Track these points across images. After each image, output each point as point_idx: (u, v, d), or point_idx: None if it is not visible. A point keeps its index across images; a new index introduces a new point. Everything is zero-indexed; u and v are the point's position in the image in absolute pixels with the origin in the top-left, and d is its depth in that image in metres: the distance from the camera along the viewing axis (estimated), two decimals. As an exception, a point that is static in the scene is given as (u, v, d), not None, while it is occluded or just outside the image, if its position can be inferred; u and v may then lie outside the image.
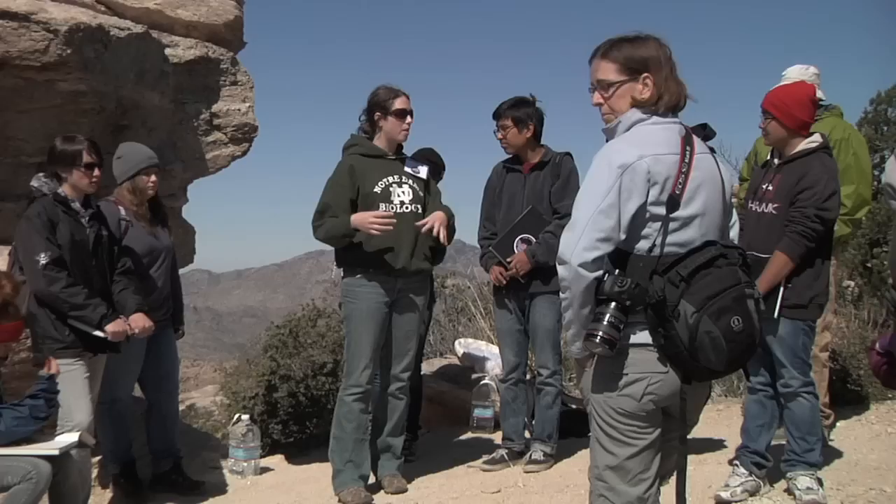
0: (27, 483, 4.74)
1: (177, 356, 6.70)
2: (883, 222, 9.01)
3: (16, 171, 6.22)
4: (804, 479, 5.36)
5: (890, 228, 9.13)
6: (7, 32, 5.80)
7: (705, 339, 2.99)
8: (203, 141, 7.28)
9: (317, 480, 6.39)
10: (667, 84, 3.21)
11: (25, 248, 5.28)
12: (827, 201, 5.19)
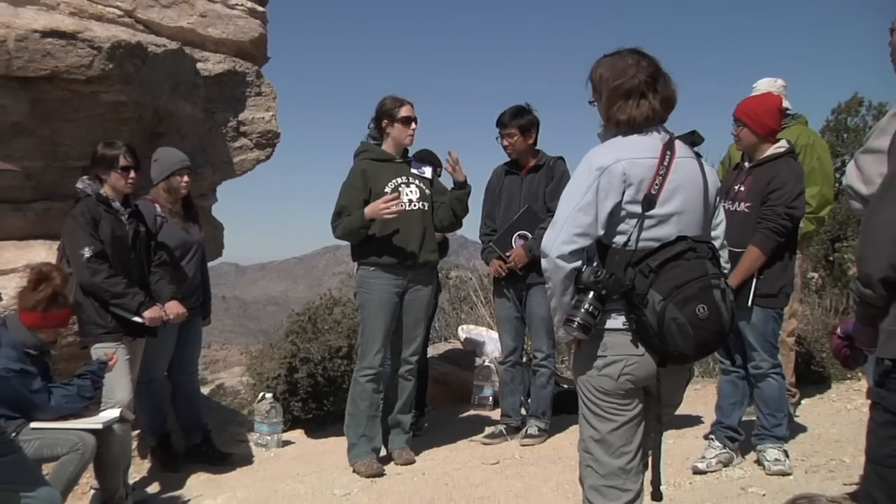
0: (75, 453, 4.79)
1: (201, 341, 6.72)
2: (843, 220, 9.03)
3: (63, 174, 6.22)
4: (772, 451, 5.42)
5: (849, 226, 9.16)
6: (56, 49, 5.83)
7: (672, 325, 3.01)
8: (230, 146, 7.29)
9: (333, 453, 6.40)
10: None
11: (71, 243, 5.32)
12: (794, 201, 5.22)
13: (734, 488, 5.18)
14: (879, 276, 2.72)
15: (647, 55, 3.27)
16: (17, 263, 5.85)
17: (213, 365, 14.44)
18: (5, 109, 5.96)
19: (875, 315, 2.81)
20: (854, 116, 12.08)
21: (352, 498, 5.52)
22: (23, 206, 6.23)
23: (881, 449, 2.81)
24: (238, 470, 6.31)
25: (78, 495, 5.36)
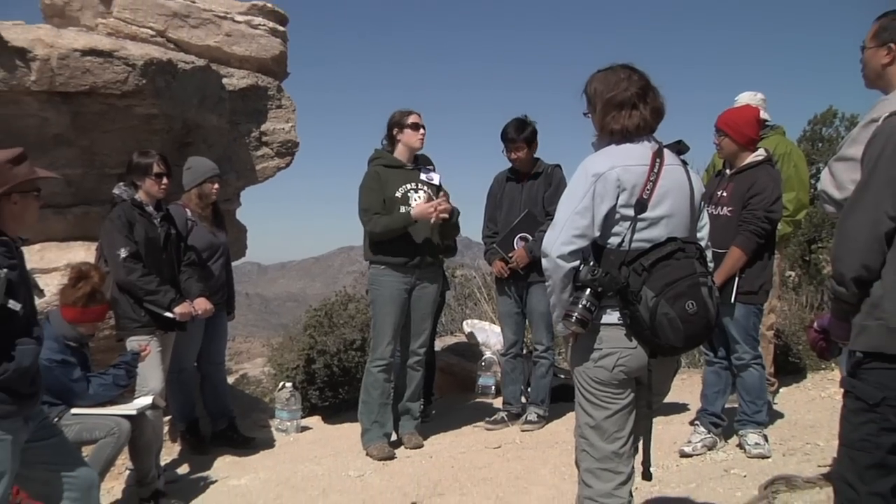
0: (111, 437, 4.81)
1: (227, 334, 6.72)
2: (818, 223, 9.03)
3: (100, 181, 6.24)
4: (753, 435, 5.43)
5: (824, 229, 9.16)
6: (94, 66, 5.85)
7: (663, 319, 3.02)
8: (253, 155, 7.29)
9: (348, 437, 6.40)
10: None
11: (108, 244, 5.33)
12: (773, 205, 5.23)
13: (718, 470, 5.18)
14: (852, 275, 2.73)
15: (638, 70, 3.28)
16: (59, 263, 5.87)
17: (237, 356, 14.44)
18: (48, 122, 5.99)
19: (848, 311, 2.82)
20: (828, 127, 12.10)
21: (365, 479, 5.53)
22: (64, 210, 6.24)
23: (853, 434, 2.82)
24: (260, 453, 6.32)
25: (114, 475, 5.36)
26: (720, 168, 5.66)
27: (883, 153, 2.66)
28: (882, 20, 3.32)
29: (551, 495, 4.97)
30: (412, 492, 5.21)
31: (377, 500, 5.14)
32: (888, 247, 2.68)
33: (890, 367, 2.70)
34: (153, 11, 6.75)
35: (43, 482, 3.74)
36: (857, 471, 2.79)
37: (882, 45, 3.30)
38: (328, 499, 5.22)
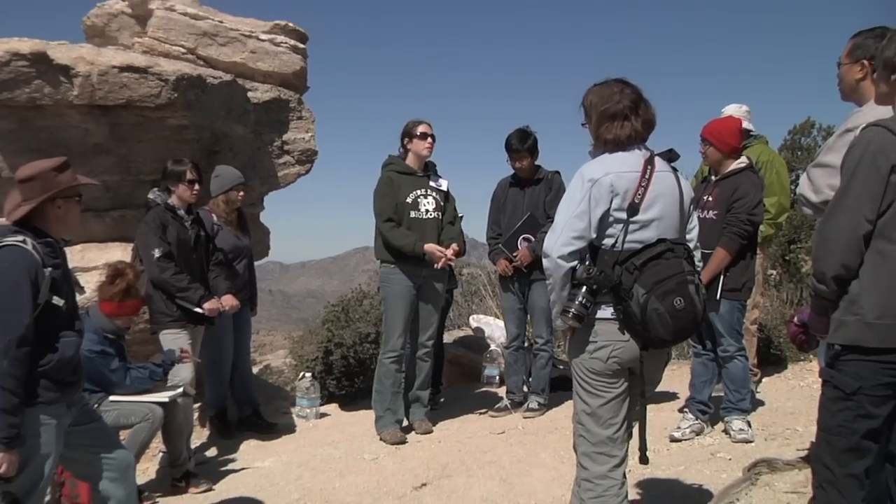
0: (146, 422, 4.84)
1: (251, 328, 6.72)
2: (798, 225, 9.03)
3: (136, 187, 6.26)
4: (737, 422, 5.44)
5: (803, 230, 9.15)
6: (131, 81, 5.88)
7: (653, 314, 3.02)
8: (276, 162, 7.29)
9: (363, 423, 6.39)
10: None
11: (143, 245, 5.36)
12: (755, 209, 5.23)
13: (705, 454, 5.19)
14: (832, 273, 2.73)
15: (631, 84, 3.28)
16: (98, 262, 5.89)
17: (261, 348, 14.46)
18: (89, 133, 6.02)
19: (827, 307, 2.82)
20: (807, 136, 12.13)
21: (379, 462, 5.53)
22: (102, 214, 6.25)
23: (830, 420, 2.82)
24: (282, 437, 6.33)
25: (149, 457, 5.39)
26: (706, 174, 5.66)
27: (861, 161, 2.66)
28: (856, 39, 3.36)
29: (551, 477, 4.97)
30: (422, 474, 5.22)
31: (390, 481, 5.14)
32: (865, 248, 2.69)
33: (866, 359, 2.70)
34: (184, 31, 6.78)
35: (84, 463, 3.75)
36: (834, 454, 2.80)
37: (856, 61, 3.36)
38: (345, 480, 5.22)
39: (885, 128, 2.66)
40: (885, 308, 2.66)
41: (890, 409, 2.75)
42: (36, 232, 3.42)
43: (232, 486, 5.27)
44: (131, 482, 3.86)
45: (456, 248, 5.91)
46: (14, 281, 3.23)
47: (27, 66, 5.61)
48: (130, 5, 6.78)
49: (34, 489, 3.37)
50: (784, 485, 4.34)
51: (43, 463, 3.38)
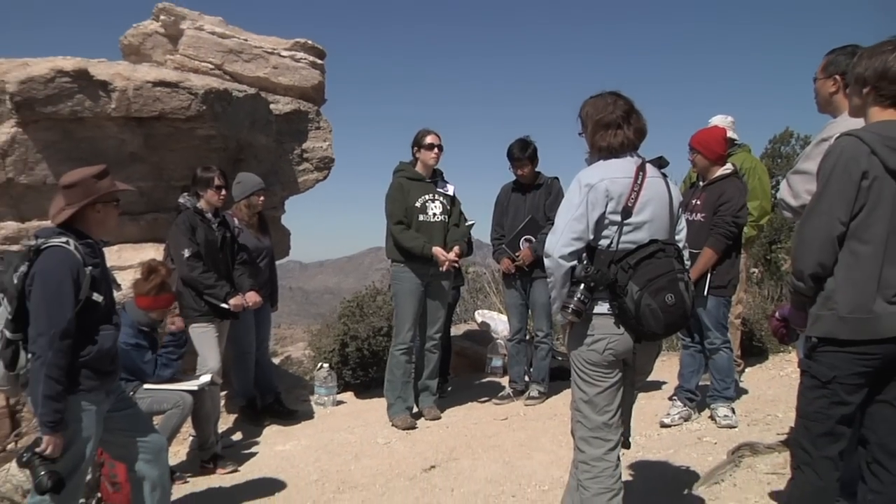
0: (176, 409, 4.86)
1: (271, 323, 6.71)
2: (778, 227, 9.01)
3: (167, 192, 6.29)
4: (722, 408, 5.44)
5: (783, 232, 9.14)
6: (163, 95, 5.91)
7: (646, 310, 3.03)
8: (296, 169, 7.31)
9: (376, 410, 6.41)
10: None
11: (174, 245, 5.39)
12: (739, 212, 5.24)
13: (692, 438, 5.19)
14: (810, 271, 2.74)
15: (623, 96, 3.28)
16: (133, 261, 5.91)
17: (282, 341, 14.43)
18: (125, 143, 6.05)
19: (805, 302, 2.83)
20: (786, 145, 12.13)
21: (391, 446, 5.55)
22: (137, 217, 6.28)
23: (808, 407, 2.83)
24: (302, 423, 6.34)
25: (180, 441, 5.43)
26: (694, 180, 5.67)
27: (835, 168, 2.67)
28: (829, 56, 3.40)
29: (550, 460, 4.98)
30: (431, 457, 5.24)
31: (401, 463, 5.16)
32: (839, 248, 2.70)
33: (840, 350, 2.71)
34: (212, 49, 6.81)
35: (121, 446, 3.78)
36: (811, 438, 2.81)
37: (829, 77, 3.39)
38: (360, 462, 5.24)
39: (857, 137, 2.66)
40: (858, 303, 2.67)
41: (862, 396, 2.76)
42: (77, 234, 3.44)
43: (256, 468, 5.29)
44: (164, 463, 3.88)
45: (458, 250, 5.94)
46: (58, 279, 3.27)
47: (70, 81, 5.65)
48: (163, 25, 6.81)
49: (77, 469, 3.39)
50: (765, 466, 4.35)
51: (84, 445, 3.40)
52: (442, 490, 4.62)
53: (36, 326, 3.25)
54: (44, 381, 3.20)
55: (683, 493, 4.18)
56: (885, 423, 2.79)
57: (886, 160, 2.61)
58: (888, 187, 2.63)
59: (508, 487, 4.58)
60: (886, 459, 2.78)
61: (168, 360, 5.05)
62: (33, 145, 5.77)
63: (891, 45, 2.69)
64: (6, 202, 5.85)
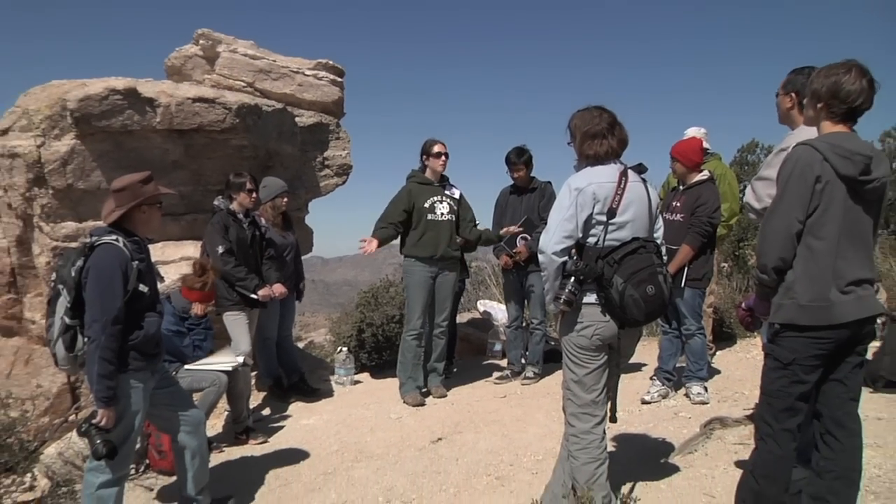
0: (213, 387, 4.89)
1: (294, 312, 6.70)
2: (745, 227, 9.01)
3: (205, 195, 6.30)
4: (696, 387, 5.46)
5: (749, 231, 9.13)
6: (202, 110, 5.93)
7: (629, 300, 3.04)
8: (318, 175, 7.31)
9: (389, 388, 6.43)
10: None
11: (209, 243, 5.42)
12: (714, 213, 5.25)
13: (669, 413, 5.21)
14: (772, 265, 2.75)
15: (608, 110, 3.29)
16: (175, 256, 5.94)
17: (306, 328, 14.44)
18: (168, 152, 6.07)
19: (769, 293, 2.84)
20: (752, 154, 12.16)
21: (403, 420, 5.58)
22: (178, 217, 6.30)
23: (771, 385, 2.84)
24: (323, 400, 6.37)
25: (216, 415, 5.47)
26: (675, 185, 5.68)
27: (793, 173, 2.68)
28: (789, 76, 3.42)
29: (543, 433, 5.00)
30: (438, 430, 5.26)
31: (412, 436, 5.18)
32: (798, 244, 2.71)
33: (799, 335, 2.72)
34: (245, 69, 6.81)
35: (165, 419, 3.81)
36: (773, 413, 2.82)
37: (787, 93, 3.41)
38: (375, 435, 5.27)
39: (811, 146, 2.68)
40: (815, 293, 2.68)
41: (818, 375, 2.77)
42: (126, 232, 3.47)
43: (283, 439, 5.32)
44: (202, 435, 3.91)
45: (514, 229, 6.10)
46: (110, 272, 3.30)
47: (121, 99, 5.68)
48: (202, 49, 6.83)
49: (127, 439, 3.44)
50: (733, 438, 4.37)
51: (134, 418, 3.45)
52: (448, 459, 4.64)
53: (90, 313, 3.28)
54: (98, 362, 3.24)
55: (661, 461, 4.19)
56: (836, 398, 2.82)
57: (837, 166, 2.64)
58: (839, 190, 2.65)
59: (507, 457, 4.60)
60: (837, 430, 2.81)
61: (199, 342, 5.09)
62: (89, 155, 5.81)
63: (843, 67, 2.71)
64: (67, 205, 5.88)
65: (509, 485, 4.13)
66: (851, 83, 2.67)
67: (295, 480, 4.52)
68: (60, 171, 5.75)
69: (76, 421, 5.01)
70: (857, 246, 2.71)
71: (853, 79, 2.67)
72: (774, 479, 2.82)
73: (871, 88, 2.69)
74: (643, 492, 3.72)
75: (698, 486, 3.73)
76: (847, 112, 2.72)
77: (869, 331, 2.79)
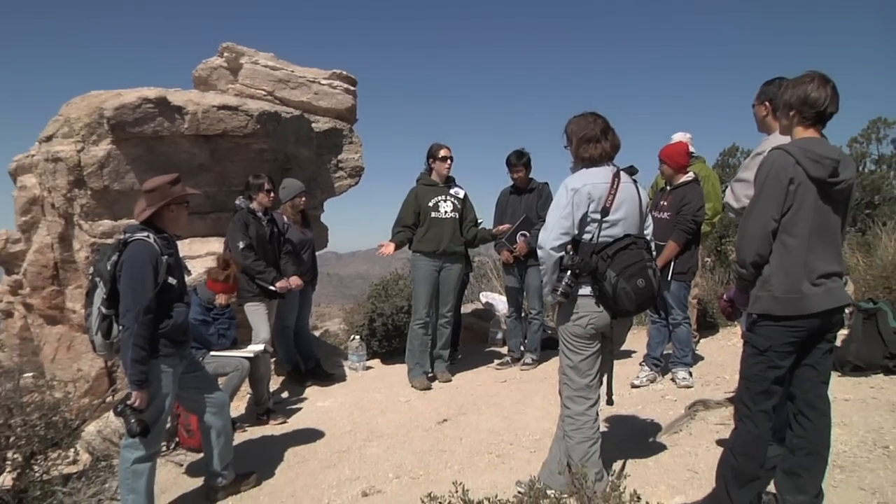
0: (237, 372, 4.93)
1: (311, 302, 6.71)
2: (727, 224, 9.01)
3: (228, 195, 6.33)
4: (682, 372, 5.46)
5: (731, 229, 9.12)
6: (226, 117, 5.97)
7: (622, 292, 3.05)
8: (332, 176, 7.33)
9: (398, 374, 6.44)
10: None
11: (231, 239, 5.44)
12: (698, 211, 5.25)
13: (657, 396, 5.22)
14: (750, 260, 2.76)
15: (601, 116, 3.29)
16: (201, 252, 5.98)
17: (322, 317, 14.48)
18: (195, 156, 6.11)
19: (747, 286, 2.84)
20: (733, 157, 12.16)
21: (411, 403, 5.60)
22: (204, 216, 6.35)
23: (749, 370, 2.85)
24: (337, 384, 6.39)
25: (240, 397, 5.50)
26: (662, 186, 5.68)
27: (768, 176, 2.70)
28: (762, 87, 3.44)
29: (541, 414, 5.02)
30: (444, 412, 5.28)
31: (419, 417, 5.21)
32: (774, 240, 2.73)
33: (775, 324, 2.73)
34: (265, 79, 6.84)
35: (193, 400, 3.85)
36: (750, 395, 2.83)
37: (762, 103, 3.44)
38: (385, 416, 5.29)
39: (785, 151, 2.70)
40: (789, 286, 2.69)
41: (791, 361, 2.79)
42: (156, 229, 3.51)
43: (300, 420, 5.36)
44: (227, 415, 3.96)
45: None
46: (142, 266, 3.33)
47: (152, 107, 5.73)
48: (226, 61, 6.85)
49: (159, 418, 3.48)
50: (715, 418, 4.37)
51: (164, 400, 3.49)
52: (452, 439, 4.66)
53: (124, 304, 3.32)
54: (131, 348, 3.27)
55: (649, 440, 4.21)
56: (808, 382, 2.83)
57: (808, 169, 2.65)
58: (810, 191, 2.67)
59: (507, 437, 4.62)
60: (808, 411, 2.83)
61: (224, 331, 5.12)
62: (124, 159, 5.85)
63: (809, 77, 2.74)
64: (103, 204, 5.93)
65: (509, 462, 4.15)
66: (817, 90, 2.71)
67: (312, 458, 4.56)
68: (98, 174, 5.80)
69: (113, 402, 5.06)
70: (827, 242, 2.73)
71: (817, 86, 2.71)
72: (752, 456, 2.84)
73: (835, 93, 2.73)
74: (633, 468, 3.73)
75: (683, 463, 3.74)
76: (817, 116, 2.74)
77: (838, 320, 2.81)
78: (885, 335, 4.80)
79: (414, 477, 4.05)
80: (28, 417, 3.79)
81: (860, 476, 3.29)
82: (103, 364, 6.07)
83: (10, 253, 6.75)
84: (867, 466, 3.39)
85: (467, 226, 6.09)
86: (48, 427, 3.84)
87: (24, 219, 6.38)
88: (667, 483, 3.48)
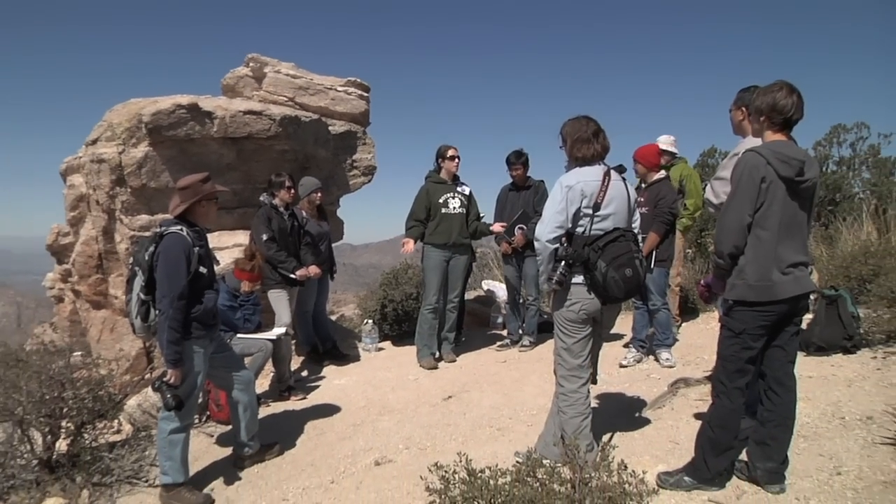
0: (261, 352, 4.96)
1: (329, 289, 6.71)
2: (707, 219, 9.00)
3: (253, 192, 6.34)
4: (664, 353, 5.46)
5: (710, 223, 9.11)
6: (251, 121, 5.98)
7: (611, 281, 3.06)
8: (348, 175, 7.32)
9: (408, 355, 6.46)
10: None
11: (256, 232, 5.45)
12: (673, 205, 5.27)
13: (643, 375, 5.22)
14: (728, 251, 2.78)
15: (593, 119, 3.29)
16: (229, 243, 5.99)
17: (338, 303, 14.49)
18: (223, 156, 6.12)
19: (724, 274, 2.86)
20: (712, 158, 12.14)
21: (419, 381, 5.61)
22: (231, 211, 6.36)
23: (725, 351, 2.87)
24: (352, 364, 6.39)
25: (264, 376, 5.52)
26: (637, 183, 5.68)
27: (742, 175, 2.71)
28: (738, 94, 3.44)
29: (538, 392, 5.02)
30: (449, 389, 5.29)
31: (426, 394, 5.22)
32: (748, 233, 2.74)
33: (749, 309, 2.75)
34: (287, 86, 6.83)
35: (221, 378, 3.89)
36: (726, 373, 2.85)
37: (738, 108, 3.43)
38: (395, 393, 5.31)
39: (756, 152, 2.72)
40: (761, 274, 2.71)
41: (763, 342, 2.81)
42: (188, 223, 3.54)
43: (319, 396, 5.38)
44: (252, 392, 4.00)
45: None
46: (176, 257, 3.37)
47: (185, 112, 5.75)
48: (252, 70, 6.86)
49: (191, 394, 3.52)
50: (695, 395, 4.38)
51: (196, 377, 3.53)
52: (456, 413, 4.68)
53: (160, 290, 3.36)
54: (167, 331, 3.31)
55: (636, 415, 4.22)
56: (777, 361, 2.86)
57: (778, 169, 2.67)
58: (780, 189, 2.69)
59: (506, 412, 4.63)
60: (777, 387, 2.86)
61: (249, 315, 5.15)
62: (159, 159, 5.88)
63: (777, 86, 2.75)
64: (142, 201, 5.96)
65: (508, 435, 4.16)
66: (784, 98, 2.73)
67: (329, 430, 4.59)
68: (137, 173, 5.84)
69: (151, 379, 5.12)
70: (795, 235, 2.74)
71: (785, 94, 2.73)
72: (727, 428, 2.87)
73: (800, 101, 2.75)
74: (620, 440, 3.75)
75: (665, 435, 3.76)
76: (784, 122, 2.77)
77: (804, 305, 2.83)
78: (845, 319, 4.84)
79: (422, 448, 4.07)
80: (78, 391, 3.87)
81: (820, 444, 3.31)
82: (142, 345, 6.14)
83: (61, 245, 6.87)
84: (826, 435, 3.41)
85: (471, 220, 6.10)
86: (95, 400, 3.92)
87: (73, 214, 6.44)
88: (651, 453, 3.50)
